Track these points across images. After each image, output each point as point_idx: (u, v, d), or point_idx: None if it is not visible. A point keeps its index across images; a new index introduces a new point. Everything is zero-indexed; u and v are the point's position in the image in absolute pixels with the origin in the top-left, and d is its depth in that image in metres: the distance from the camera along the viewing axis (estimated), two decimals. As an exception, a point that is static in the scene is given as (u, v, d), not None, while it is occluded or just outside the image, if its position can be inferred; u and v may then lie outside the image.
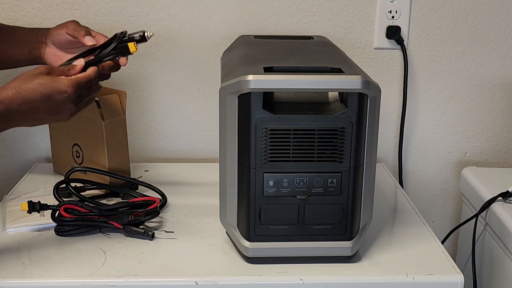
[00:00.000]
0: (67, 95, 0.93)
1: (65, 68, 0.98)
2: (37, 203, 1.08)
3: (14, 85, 0.90)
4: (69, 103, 0.94)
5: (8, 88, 0.90)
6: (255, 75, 0.91)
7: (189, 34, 1.44)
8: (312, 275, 0.96)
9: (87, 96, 0.98)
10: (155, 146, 1.52)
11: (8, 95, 0.89)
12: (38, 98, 0.90)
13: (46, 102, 0.91)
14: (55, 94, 0.91)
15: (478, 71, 1.51)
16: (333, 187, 0.96)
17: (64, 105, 0.93)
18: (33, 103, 0.90)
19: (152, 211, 1.10)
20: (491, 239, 1.25)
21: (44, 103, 0.91)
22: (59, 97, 0.92)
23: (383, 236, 1.10)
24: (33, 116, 0.92)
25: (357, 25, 1.46)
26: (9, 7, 1.40)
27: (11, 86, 0.90)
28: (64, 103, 0.93)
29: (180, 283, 0.95)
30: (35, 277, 0.95)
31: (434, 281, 0.97)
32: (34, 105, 0.90)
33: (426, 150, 1.56)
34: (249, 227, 0.97)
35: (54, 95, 0.91)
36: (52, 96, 0.91)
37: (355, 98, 0.92)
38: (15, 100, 0.89)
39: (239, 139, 0.94)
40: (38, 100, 0.90)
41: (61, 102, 0.92)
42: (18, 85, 0.90)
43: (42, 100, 0.90)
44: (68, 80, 0.93)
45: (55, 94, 0.91)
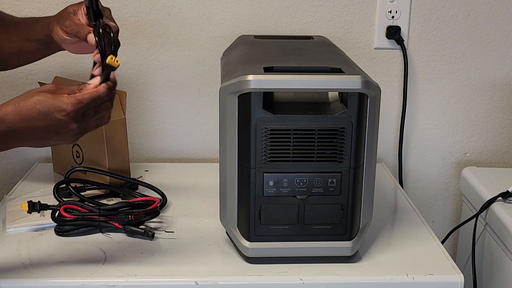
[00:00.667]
0: (66, 113, 0.85)
1: (76, 86, 0.90)
2: (37, 203, 1.08)
3: (14, 101, 0.85)
4: (71, 122, 0.86)
5: (8, 104, 0.85)
6: (255, 75, 0.91)
7: (189, 34, 1.44)
8: (312, 275, 0.96)
9: (94, 115, 0.89)
10: (155, 146, 1.52)
11: (7, 111, 0.84)
12: (36, 116, 0.84)
13: (44, 121, 0.85)
14: (53, 113, 0.84)
15: (478, 71, 1.51)
16: (333, 187, 0.96)
17: (64, 124, 0.86)
18: (31, 122, 0.84)
19: (152, 211, 1.10)
20: (491, 239, 1.25)
21: (42, 121, 0.85)
22: (58, 115, 0.85)
23: (383, 236, 1.10)
24: (33, 135, 0.86)
25: (357, 25, 1.46)
26: (9, 7, 1.40)
27: (11, 102, 0.85)
28: (64, 122, 0.85)
29: (180, 283, 0.95)
30: (35, 277, 0.95)
31: (434, 281, 0.97)
32: (32, 123, 0.84)
33: (426, 150, 1.56)
34: (249, 227, 0.97)
35: (52, 113, 0.84)
36: (50, 114, 0.84)
37: (355, 98, 0.92)
38: (13, 117, 0.84)
39: (239, 139, 0.94)
40: (36, 118, 0.84)
41: (61, 122, 0.85)
42: (18, 101, 0.85)
43: (40, 118, 0.84)
44: (69, 97, 0.86)
45: (53, 113, 0.84)
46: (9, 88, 1.45)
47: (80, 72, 1.40)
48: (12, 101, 0.85)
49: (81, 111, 0.86)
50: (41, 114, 0.84)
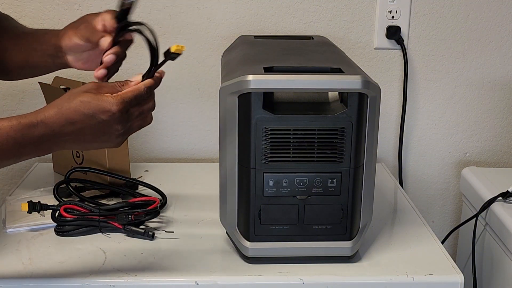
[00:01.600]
0: (112, 114, 0.83)
1: (117, 83, 0.88)
2: (37, 203, 1.08)
3: (57, 104, 0.84)
4: (116, 123, 0.84)
5: (50, 107, 0.83)
6: (255, 75, 0.91)
7: (189, 34, 1.44)
8: (312, 275, 0.96)
9: (138, 115, 0.88)
10: (155, 146, 1.52)
11: (50, 115, 0.82)
12: (80, 119, 0.82)
13: (89, 122, 0.83)
14: (98, 114, 0.83)
15: (478, 71, 1.51)
16: (333, 187, 0.96)
17: (109, 125, 0.84)
18: (76, 124, 0.83)
19: (152, 211, 1.10)
20: (491, 239, 1.25)
21: (87, 123, 0.83)
22: (104, 116, 0.83)
23: (383, 236, 1.10)
24: (78, 138, 0.84)
25: (357, 25, 1.46)
26: (9, 7, 1.40)
27: (54, 105, 0.84)
28: (109, 123, 0.84)
29: (180, 283, 0.95)
30: (35, 277, 0.95)
31: (434, 281, 0.97)
32: (77, 126, 0.83)
33: (426, 150, 1.56)
34: (249, 227, 0.97)
35: (97, 114, 0.83)
36: (95, 116, 0.83)
37: (355, 98, 0.92)
38: (57, 120, 0.82)
39: (239, 139, 0.94)
40: (80, 121, 0.82)
41: (106, 123, 0.83)
42: (61, 103, 0.83)
43: (85, 120, 0.82)
44: (114, 97, 0.84)
45: (98, 114, 0.83)
46: (9, 88, 1.45)
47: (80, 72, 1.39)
48: (54, 103, 0.84)
49: (125, 110, 0.85)
50: (86, 116, 0.83)
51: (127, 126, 0.87)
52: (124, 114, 0.85)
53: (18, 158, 0.84)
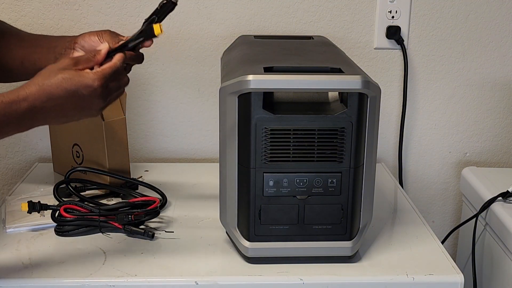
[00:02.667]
0: (94, 89, 0.87)
1: (90, 55, 0.92)
2: (37, 203, 1.08)
3: (37, 81, 0.85)
4: (97, 98, 0.88)
5: (31, 84, 0.85)
6: (255, 75, 0.91)
7: (189, 34, 1.44)
8: (312, 275, 0.96)
9: (116, 89, 0.92)
10: (155, 146, 1.52)
11: (31, 92, 0.84)
12: (63, 94, 0.85)
13: (72, 98, 0.86)
14: (81, 89, 0.86)
15: (478, 71, 1.51)
16: (333, 187, 0.96)
17: (91, 100, 0.87)
18: (58, 100, 0.85)
19: (152, 211, 1.10)
20: (491, 239, 1.25)
21: (70, 99, 0.86)
22: (86, 92, 0.86)
23: (383, 236, 1.10)
24: (59, 113, 0.87)
25: (357, 25, 1.46)
26: (9, 7, 1.40)
27: (34, 82, 0.85)
28: (91, 98, 0.87)
29: (180, 283, 0.95)
30: (35, 277, 0.95)
31: (434, 281, 0.97)
32: (59, 101, 0.85)
33: (426, 150, 1.56)
34: (249, 227, 0.97)
35: (80, 90, 0.86)
36: (78, 91, 0.86)
37: (355, 98, 0.92)
38: (39, 97, 0.84)
39: (239, 139, 0.94)
40: (63, 97, 0.85)
41: (88, 97, 0.87)
42: (42, 80, 0.85)
43: (68, 96, 0.85)
44: (94, 73, 0.87)
45: (81, 89, 0.86)
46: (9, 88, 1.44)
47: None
48: (34, 81, 0.86)
49: (105, 85, 0.88)
50: (68, 92, 0.85)
51: (107, 99, 0.90)
52: (105, 89, 0.88)
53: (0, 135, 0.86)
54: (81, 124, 1.25)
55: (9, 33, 1.12)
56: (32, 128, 0.88)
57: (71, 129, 1.29)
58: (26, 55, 1.09)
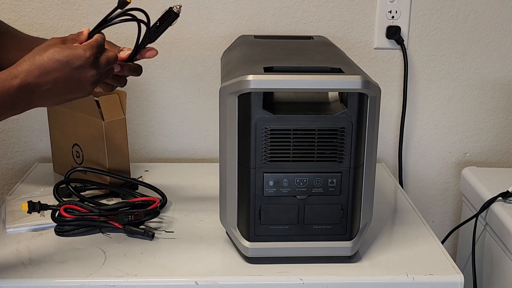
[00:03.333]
0: (86, 58, 0.87)
1: (74, 35, 0.93)
2: (37, 203, 1.08)
3: (28, 58, 0.85)
4: (89, 68, 0.88)
5: (22, 62, 0.85)
6: (255, 75, 0.91)
7: (189, 34, 1.44)
8: (312, 275, 0.96)
9: (106, 63, 0.91)
10: (155, 146, 1.52)
11: (23, 69, 0.84)
12: (56, 66, 0.85)
13: (64, 69, 0.85)
14: (73, 60, 0.86)
15: (478, 71, 1.51)
16: (333, 187, 0.96)
17: (84, 71, 0.87)
18: (52, 73, 0.85)
19: (152, 211, 1.10)
20: (491, 239, 1.25)
21: (62, 71, 0.85)
22: (78, 62, 0.86)
23: (383, 236, 1.10)
24: (53, 89, 0.86)
25: (357, 25, 1.46)
26: (9, 7, 1.40)
27: (25, 59, 0.85)
28: (84, 68, 0.87)
29: (180, 283, 0.95)
30: (35, 277, 0.95)
31: (434, 281, 0.97)
32: (52, 75, 0.85)
33: (426, 150, 1.56)
34: (249, 227, 0.97)
35: (72, 60, 0.86)
36: (70, 62, 0.86)
37: (355, 98, 0.92)
38: (32, 72, 0.84)
39: (239, 139, 0.94)
40: (56, 69, 0.85)
41: (81, 68, 0.87)
42: (33, 57, 0.85)
43: (60, 67, 0.85)
44: (83, 45, 0.88)
45: (73, 60, 0.86)
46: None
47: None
48: (25, 58, 0.86)
49: (95, 55, 0.89)
50: (61, 63, 0.85)
51: (99, 72, 0.90)
52: (96, 60, 0.89)
53: None
54: (81, 124, 1.25)
55: (7, 35, 1.12)
56: (27, 109, 0.87)
57: (71, 129, 1.29)
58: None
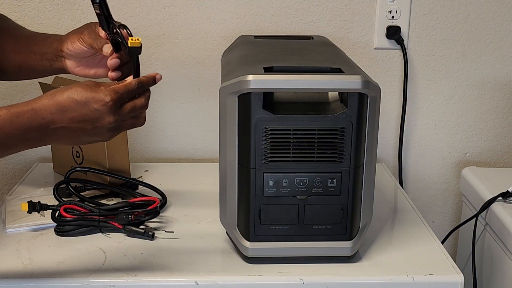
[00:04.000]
0: (105, 103, 0.84)
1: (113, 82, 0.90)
2: (37, 203, 1.08)
3: (50, 93, 0.85)
4: (108, 113, 0.84)
5: (43, 96, 0.84)
6: (255, 75, 0.91)
7: (189, 34, 1.44)
8: (312, 275, 0.96)
9: (131, 111, 0.88)
10: (155, 146, 1.52)
11: (41, 103, 0.83)
12: (73, 106, 0.83)
13: (81, 111, 0.83)
14: (91, 102, 0.83)
15: (478, 71, 1.51)
16: (333, 187, 0.96)
17: (102, 115, 0.84)
18: (67, 113, 0.83)
19: (152, 211, 1.10)
20: (491, 239, 1.25)
21: (79, 112, 0.83)
22: (96, 106, 0.83)
23: (383, 236, 1.10)
24: (68, 128, 0.84)
25: (357, 25, 1.46)
26: (9, 7, 1.40)
27: (46, 94, 0.85)
28: (102, 113, 0.84)
29: (180, 283, 0.95)
30: (35, 277, 0.95)
31: (434, 281, 0.97)
32: (68, 115, 0.83)
33: (426, 150, 1.56)
34: (249, 227, 0.97)
35: (90, 103, 0.83)
36: (87, 104, 0.83)
37: (355, 98, 0.92)
38: (48, 108, 0.82)
39: (239, 139, 0.94)
40: (73, 108, 0.83)
41: (99, 112, 0.84)
42: (54, 93, 0.84)
43: (77, 108, 0.83)
44: (107, 89, 0.85)
45: (91, 102, 0.83)
46: (9, 88, 1.45)
47: (80, 72, 1.39)
48: (47, 93, 0.85)
49: (118, 101, 0.85)
50: (78, 104, 0.83)
51: (119, 120, 0.87)
52: (117, 106, 0.86)
53: (7, 149, 0.83)
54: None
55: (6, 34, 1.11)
56: (39, 145, 0.86)
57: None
58: (23, 60, 1.10)
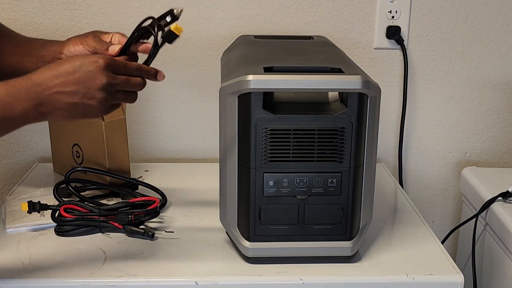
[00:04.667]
0: (97, 64, 0.84)
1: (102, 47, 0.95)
2: (37, 203, 1.08)
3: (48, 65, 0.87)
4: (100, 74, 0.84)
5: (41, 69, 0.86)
6: (255, 75, 0.91)
7: (189, 34, 1.44)
8: (312, 275, 0.96)
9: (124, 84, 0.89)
10: (155, 146, 1.52)
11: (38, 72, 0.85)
12: (66, 70, 0.84)
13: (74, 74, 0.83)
14: (84, 65, 0.84)
15: (478, 71, 1.51)
16: (333, 187, 0.96)
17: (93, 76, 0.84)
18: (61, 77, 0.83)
19: (152, 211, 1.10)
20: (491, 239, 1.25)
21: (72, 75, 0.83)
22: (89, 67, 0.84)
23: (383, 236, 1.10)
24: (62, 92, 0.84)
25: (357, 25, 1.46)
26: (9, 7, 1.40)
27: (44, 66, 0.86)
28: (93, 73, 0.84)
29: (180, 283, 0.95)
30: (35, 277, 0.95)
31: (434, 281, 0.97)
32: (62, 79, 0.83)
33: (426, 150, 1.56)
34: (249, 227, 0.97)
35: (83, 65, 0.84)
36: (81, 67, 0.84)
37: (355, 98, 0.92)
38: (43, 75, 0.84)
39: (239, 139, 0.94)
40: (66, 73, 0.83)
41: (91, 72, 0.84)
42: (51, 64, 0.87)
43: (71, 71, 0.83)
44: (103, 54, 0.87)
45: (84, 65, 0.84)
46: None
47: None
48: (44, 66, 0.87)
49: (110, 66, 0.86)
50: (72, 67, 0.84)
51: (112, 84, 0.86)
52: (109, 69, 0.86)
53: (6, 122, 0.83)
54: (81, 124, 1.25)
55: (5, 37, 1.12)
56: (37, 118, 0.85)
57: (71, 129, 1.29)
58: (18, 63, 1.10)
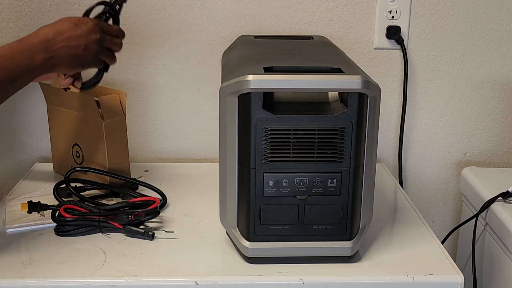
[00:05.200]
0: (91, 24, 1.06)
1: None
2: (37, 203, 1.08)
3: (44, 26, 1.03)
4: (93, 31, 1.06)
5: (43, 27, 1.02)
6: (255, 75, 0.91)
7: (189, 34, 1.44)
8: (312, 275, 0.96)
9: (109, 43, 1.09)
10: (155, 146, 1.52)
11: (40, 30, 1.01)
12: (67, 26, 1.03)
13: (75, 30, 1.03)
14: (81, 24, 1.05)
15: (478, 71, 1.51)
16: (333, 187, 0.96)
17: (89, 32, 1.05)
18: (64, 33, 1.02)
19: (152, 211, 1.10)
20: (491, 239, 1.25)
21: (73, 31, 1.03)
22: (84, 26, 1.05)
23: (383, 236, 1.10)
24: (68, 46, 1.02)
25: (357, 25, 1.46)
26: (9, 7, 1.40)
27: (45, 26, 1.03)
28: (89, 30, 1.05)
29: (180, 283, 0.95)
30: (35, 277, 0.95)
31: (434, 281, 0.97)
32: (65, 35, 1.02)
33: (426, 150, 1.56)
34: (249, 227, 0.97)
35: (80, 24, 1.05)
36: (78, 25, 1.04)
37: (355, 98, 0.92)
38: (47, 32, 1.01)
39: (239, 139, 0.94)
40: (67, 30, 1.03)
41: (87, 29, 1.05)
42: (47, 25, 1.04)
43: (71, 28, 1.03)
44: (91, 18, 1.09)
45: (81, 24, 1.05)
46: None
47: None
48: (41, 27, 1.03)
49: (99, 25, 1.07)
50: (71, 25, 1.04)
51: (102, 40, 1.07)
52: (99, 29, 1.07)
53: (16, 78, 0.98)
54: (81, 124, 1.25)
55: None
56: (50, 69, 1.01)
57: (71, 129, 1.29)
58: None
